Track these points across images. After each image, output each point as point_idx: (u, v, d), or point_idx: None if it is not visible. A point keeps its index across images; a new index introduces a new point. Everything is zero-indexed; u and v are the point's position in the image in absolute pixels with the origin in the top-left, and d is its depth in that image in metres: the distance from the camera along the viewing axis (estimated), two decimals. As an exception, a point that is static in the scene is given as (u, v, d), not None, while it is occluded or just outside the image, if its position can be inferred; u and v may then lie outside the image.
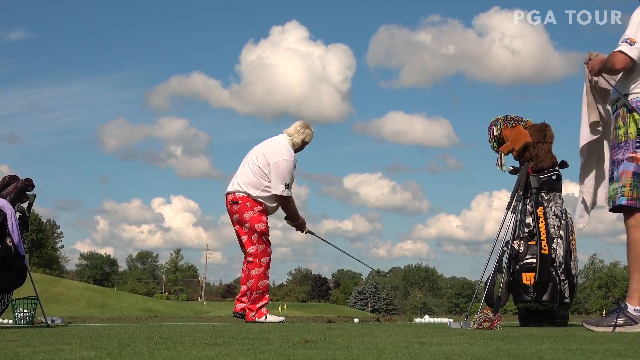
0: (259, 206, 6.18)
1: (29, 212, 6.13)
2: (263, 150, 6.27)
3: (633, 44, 4.04)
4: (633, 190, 4.03)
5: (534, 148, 5.19)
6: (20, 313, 8.12)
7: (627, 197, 4.05)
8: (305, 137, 6.37)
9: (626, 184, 4.05)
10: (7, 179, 6.01)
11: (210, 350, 2.58)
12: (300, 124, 6.40)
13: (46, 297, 45.78)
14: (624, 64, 4.08)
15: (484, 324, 4.28)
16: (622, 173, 4.08)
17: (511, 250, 5.00)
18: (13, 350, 2.70)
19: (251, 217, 6.16)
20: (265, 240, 6.19)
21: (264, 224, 6.19)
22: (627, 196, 4.04)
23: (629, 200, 4.04)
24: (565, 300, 5.00)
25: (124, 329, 4.70)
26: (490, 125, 5.36)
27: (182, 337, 3.44)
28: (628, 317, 3.94)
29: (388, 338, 3.32)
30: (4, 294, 5.52)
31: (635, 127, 4.05)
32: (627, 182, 4.05)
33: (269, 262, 6.23)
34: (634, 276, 4.02)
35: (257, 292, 6.13)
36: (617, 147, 4.13)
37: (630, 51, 4.03)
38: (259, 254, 6.16)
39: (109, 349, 2.71)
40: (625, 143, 4.08)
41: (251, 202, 6.18)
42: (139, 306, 56.06)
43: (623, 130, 4.11)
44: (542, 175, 5.17)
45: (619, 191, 4.08)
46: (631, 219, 4.06)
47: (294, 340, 3.09)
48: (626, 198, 4.05)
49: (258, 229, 6.15)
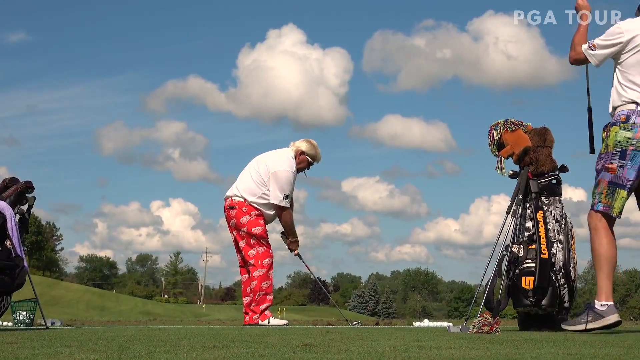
0: (255, 211, 6.18)
1: (29, 215, 6.13)
2: (265, 159, 6.32)
3: (593, 49, 4.44)
4: (608, 198, 4.32)
5: (534, 152, 5.19)
6: (20, 315, 8.11)
7: (603, 204, 4.34)
8: (307, 149, 6.37)
9: (602, 191, 4.35)
10: (6, 181, 6.00)
11: (210, 354, 2.58)
12: (306, 139, 6.46)
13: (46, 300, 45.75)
14: (573, 60, 4.55)
15: (483, 328, 4.28)
16: (600, 181, 4.37)
17: (511, 255, 5.00)
18: (12, 352, 2.69)
19: (248, 221, 6.16)
20: (264, 242, 6.19)
21: (262, 227, 6.19)
22: (604, 202, 4.34)
23: (604, 207, 4.34)
24: (564, 305, 5.00)
25: (123, 332, 4.70)
26: (490, 129, 5.36)
27: (181, 340, 3.44)
28: (596, 312, 4.28)
29: (387, 342, 3.32)
30: (4, 297, 5.51)
31: (614, 139, 4.31)
32: (603, 190, 4.35)
33: (271, 263, 6.22)
34: (597, 275, 4.36)
35: (260, 293, 6.13)
36: (599, 158, 4.44)
37: (586, 52, 4.46)
38: (259, 256, 6.16)
39: (109, 351, 2.71)
40: (605, 154, 4.36)
41: (248, 206, 6.19)
42: (139, 309, 55.98)
43: (605, 143, 4.39)
44: (541, 179, 5.17)
45: (597, 197, 4.38)
46: (592, 222, 4.38)
47: (294, 344, 3.09)
48: (602, 204, 4.35)
49: (255, 232, 6.15)
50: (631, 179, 4.28)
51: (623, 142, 4.26)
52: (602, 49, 4.41)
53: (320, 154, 6.48)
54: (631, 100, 4.29)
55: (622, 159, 4.27)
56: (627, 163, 4.26)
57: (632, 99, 4.29)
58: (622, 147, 4.27)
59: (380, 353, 2.61)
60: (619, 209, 4.32)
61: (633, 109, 4.27)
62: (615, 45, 4.36)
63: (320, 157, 6.50)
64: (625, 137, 4.26)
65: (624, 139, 4.26)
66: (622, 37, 4.34)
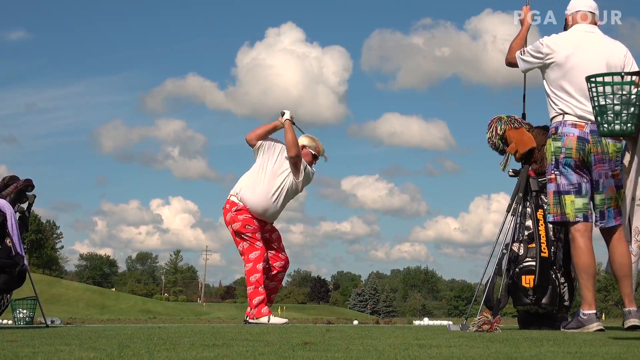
0: (236, 206, 6.16)
1: (29, 213, 6.13)
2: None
3: (522, 55, 4.73)
4: (556, 207, 4.54)
5: (538, 151, 5.17)
6: (20, 314, 8.12)
7: (552, 214, 4.57)
8: (307, 142, 6.34)
9: (550, 202, 4.59)
10: (7, 180, 6.00)
11: (210, 352, 2.58)
12: (304, 135, 6.43)
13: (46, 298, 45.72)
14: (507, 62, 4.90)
15: (483, 326, 4.28)
16: (548, 194, 4.63)
17: (511, 253, 5.00)
18: (12, 350, 2.70)
19: (230, 218, 6.17)
20: (247, 237, 6.11)
21: (240, 222, 6.08)
22: (552, 213, 4.56)
23: (554, 217, 4.56)
24: (564, 303, 5.00)
25: (123, 330, 4.70)
26: (491, 121, 5.30)
27: (181, 339, 3.44)
28: (579, 320, 4.44)
29: (387, 340, 3.32)
30: (4, 295, 5.52)
31: (549, 151, 4.57)
32: (550, 202, 4.59)
33: (258, 256, 6.08)
34: (580, 284, 4.53)
35: (250, 287, 6.08)
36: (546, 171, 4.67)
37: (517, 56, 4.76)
38: (245, 251, 6.13)
39: (108, 349, 2.71)
40: (548, 167, 4.60)
41: (230, 203, 6.19)
42: (139, 307, 55.96)
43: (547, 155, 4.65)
44: (542, 177, 5.17)
45: (547, 210, 4.68)
46: (570, 235, 4.53)
47: (294, 342, 3.09)
48: (552, 215, 4.57)
49: (235, 228, 6.14)
50: (573, 182, 4.46)
51: (555, 151, 4.52)
52: (529, 57, 4.69)
53: (321, 145, 6.44)
54: (560, 112, 4.53)
55: (557, 167, 4.51)
56: (562, 170, 4.48)
57: (561, 110, 4.53)
58: (555, 157, 4.51)
59: (380, 351, 2.61)
60: (573, 213, 4.46)
61: (560, 120, 4.52)
62: (537, 59, 4.64)
63: (323, 148, 6.45)
64: (556, 146, 4.50)
65: (555, 149, 4.52)
66: (542, 53, 4.61)
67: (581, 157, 4.44)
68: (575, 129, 4.44)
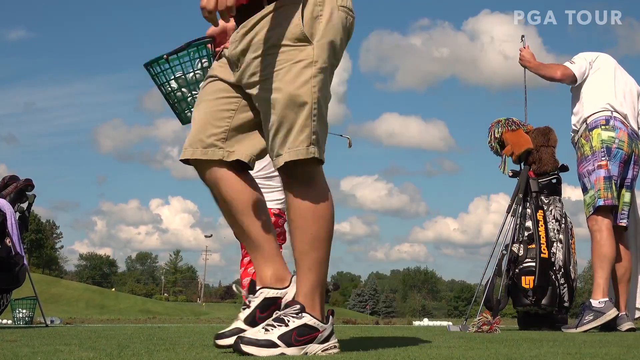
0: None
1: (29, 213, 6.13)
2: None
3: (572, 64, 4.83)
4: (607, 192, 4.59)
5: (537, 152, 5.19)
6: (20, 313, 8.12)
7: (603, 198, 4.59)
8: None
9: (600, 187, 4.61)
10: (7, 179, 6.01)
11: (209, 352, 2.57)
12: None
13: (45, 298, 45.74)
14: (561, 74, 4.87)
15: (483, 327, 4.28)
16: (595, 180, 4.63)
17: (510, 254, 5.00)
18: (12, 350, 2.69)
19: None
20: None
21: None
22: (604, 197, 4.58)
23: (605, 200, 4.58)
24: (564, 304, 5.00)
25: (122, 330, 4.69)
26: (491, 126, 5.36)
27: (181, 339, 3.44)
28: (594, 311, 4.44)
29: (387, 341, 3.32)
30: (3, 294, 5.52)
31: (598, 140, 4.63)
32: (600, 187, 4.61)
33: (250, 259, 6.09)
34: (597, 274, 4.54)
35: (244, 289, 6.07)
36: (585, 161, 4.70)
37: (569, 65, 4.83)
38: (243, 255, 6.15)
39: (108, 349, 2.70)
40: (592, 155, 4.64)
41: None
42: (138, 307, 55.96)
43: (588, 146, 4.67)
44: (542, 178, 5.17)
45: (596, 195, 4.63)
46: (594, 224, 4.60)
47: (293, 343, 3.08)
48: (602, 199, 4.59)
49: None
50: (616, 175, 4.62)
51: (608, 140, 4.61)
52: (581, 61, 4.84)
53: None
54: (607, 107, 4.65)
55: (608, 154, 4.62)
56: (612, 159, 4.59)
57: (607, 103, 4.66)
58: (607, 145, 4.61)
59: (379, 352, 2.61)
60: (616, 201, 4.61)
61: (610, 115, 4.64)
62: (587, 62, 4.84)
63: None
64: (609, 136, 4.61)
65: (608, 138, 4.61)
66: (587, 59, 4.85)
67: (629, 152, 4.63)
68: (623, 126, 4.63)
